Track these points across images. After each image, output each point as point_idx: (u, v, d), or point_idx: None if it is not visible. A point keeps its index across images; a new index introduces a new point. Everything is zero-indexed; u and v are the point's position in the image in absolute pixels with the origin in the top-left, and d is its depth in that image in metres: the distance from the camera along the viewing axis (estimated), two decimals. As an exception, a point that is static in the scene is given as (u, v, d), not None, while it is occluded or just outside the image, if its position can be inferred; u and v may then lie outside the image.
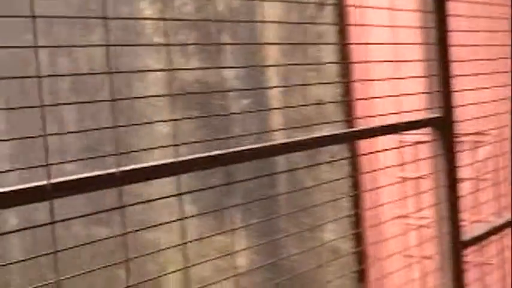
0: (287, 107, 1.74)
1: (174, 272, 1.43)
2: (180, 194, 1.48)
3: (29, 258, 1.19)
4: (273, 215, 3.45)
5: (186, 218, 1.43)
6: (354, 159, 3.25)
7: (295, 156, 3.37)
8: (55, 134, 1.25)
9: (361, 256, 3.28)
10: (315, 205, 2.23)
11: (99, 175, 1.38)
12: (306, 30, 3.29)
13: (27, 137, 1.07)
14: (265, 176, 2.23)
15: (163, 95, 1.31)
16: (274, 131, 1.45)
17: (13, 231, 1.22)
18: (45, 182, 1.29)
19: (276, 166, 3.43)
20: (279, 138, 3.45)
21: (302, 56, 3.31)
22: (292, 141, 1.90)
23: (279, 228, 3.44)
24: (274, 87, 1.70)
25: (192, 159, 1.62)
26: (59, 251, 1.25)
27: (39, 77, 1.20)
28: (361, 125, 3.22)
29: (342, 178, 3.20)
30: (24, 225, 4.38)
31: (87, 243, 1.23)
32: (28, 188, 1.28)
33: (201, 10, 3.59)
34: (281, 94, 3.40)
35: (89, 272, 1.30)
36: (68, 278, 1.30)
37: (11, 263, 1.15)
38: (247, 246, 3.55)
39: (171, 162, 1.53)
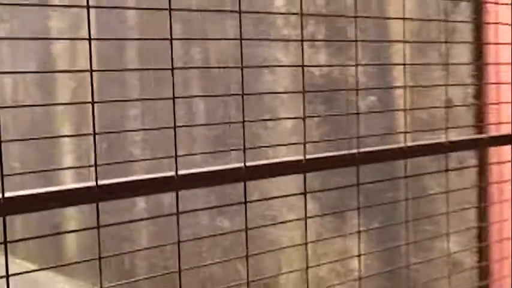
0: (413, 109, 1.61)
1: (289, 272, 1.35)
2: (302, 193, 1.39)
3: (151, 247, 1.14)
4: (393, 219, 3.28)
5: (307, 218, 1.34)
6: (483, 167, 3.01)
7: (419, 159, 3.18)
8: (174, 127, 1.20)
9: (484, 272, 3.05)
10: (436, 214, 2.07)
11: (225, 169, 1.33)
12: (439, 26, 3.09)
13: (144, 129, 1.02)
14: (389, 180, 2.10)
15: (279, 93, 1.23)
16: (399, 133, 1.33)
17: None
18: (172, 173, 1.26)
19: (399, 167, 3.25)
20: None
21: (434, 53, 3.11)
22: (421, 145, 1.77)
23: (398, 234, 3.27)
24: (398, 87, 1.58)
25: (319, 157, 1.55)
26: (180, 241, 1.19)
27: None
28: (490, 130, 2.98)
29: (473, 187, 2.98)
30: (152, 210, 4.47)
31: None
32: (156, 178, 1.28)
33: (331, 3, 3.46)
34: (409, 92, 3.22)
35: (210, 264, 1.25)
36: (188, 269, 1.25)
37: (133, 251, 1.11)
38: (365, 250, 3.41)
39: (296, 160, 1.46)
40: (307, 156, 1.60)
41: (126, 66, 4.61)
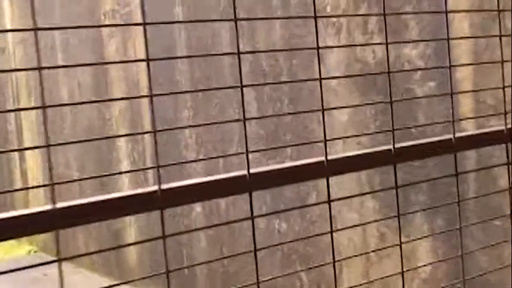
0: (454, 93, 1.36)
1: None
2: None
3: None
4: (460, 214, 2.99)
5: (332, 229, 1.12)
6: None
7: (487, 148, 2.88)
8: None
9: None
10: (497, 216, 1.82)
11: (227, 178, 1.12)
12: (502, 1, 2.77)
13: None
14: (455, 176, 1.85)
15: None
16: (461, 120, 1.09)
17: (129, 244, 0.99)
18: (156, 188, 1.06)
19: (464, 158, 2.95)
20: (469, 126, 2.97)
21: (496, 28, 2.80)
22: (472, 135, 1.52)
23: (465, 230, 2.97)
24: (459, 65, 1.33)
25: (344, 157, 1.33)
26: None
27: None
28: None
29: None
30: (207, 214, 4.29)
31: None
32: (138, 194, 1.10)
33: (381, -18, 3.19)
34: (472, 74, 2.91)
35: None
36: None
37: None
38: (430, 249, 3.12)
39: (317, 162, 1.25)
40: (330, 157, 1.36)
41: (177, 61, 4.44)
